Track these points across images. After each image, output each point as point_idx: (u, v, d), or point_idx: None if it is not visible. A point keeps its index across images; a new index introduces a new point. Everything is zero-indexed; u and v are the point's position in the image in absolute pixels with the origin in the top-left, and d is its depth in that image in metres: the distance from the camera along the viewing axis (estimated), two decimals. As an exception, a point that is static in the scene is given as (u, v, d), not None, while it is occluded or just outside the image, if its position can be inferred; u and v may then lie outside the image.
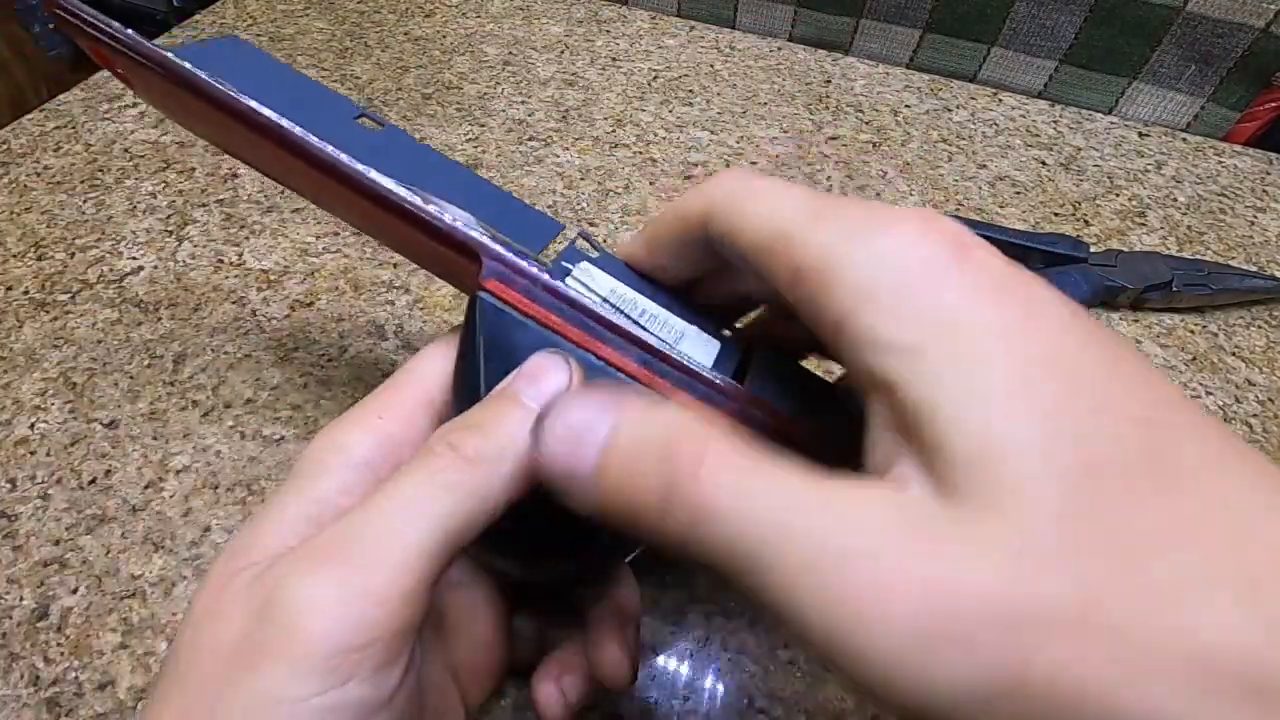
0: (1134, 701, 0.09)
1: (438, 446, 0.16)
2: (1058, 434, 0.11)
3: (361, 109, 0.21)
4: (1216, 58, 0.46)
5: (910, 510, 0.11)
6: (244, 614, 0.15)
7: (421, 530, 0.15)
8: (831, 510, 0.12)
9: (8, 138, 0.45)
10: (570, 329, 0.18)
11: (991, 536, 0.11)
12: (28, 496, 0.29)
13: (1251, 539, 0.10)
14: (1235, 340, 0.36)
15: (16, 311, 0.36)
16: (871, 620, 0.11)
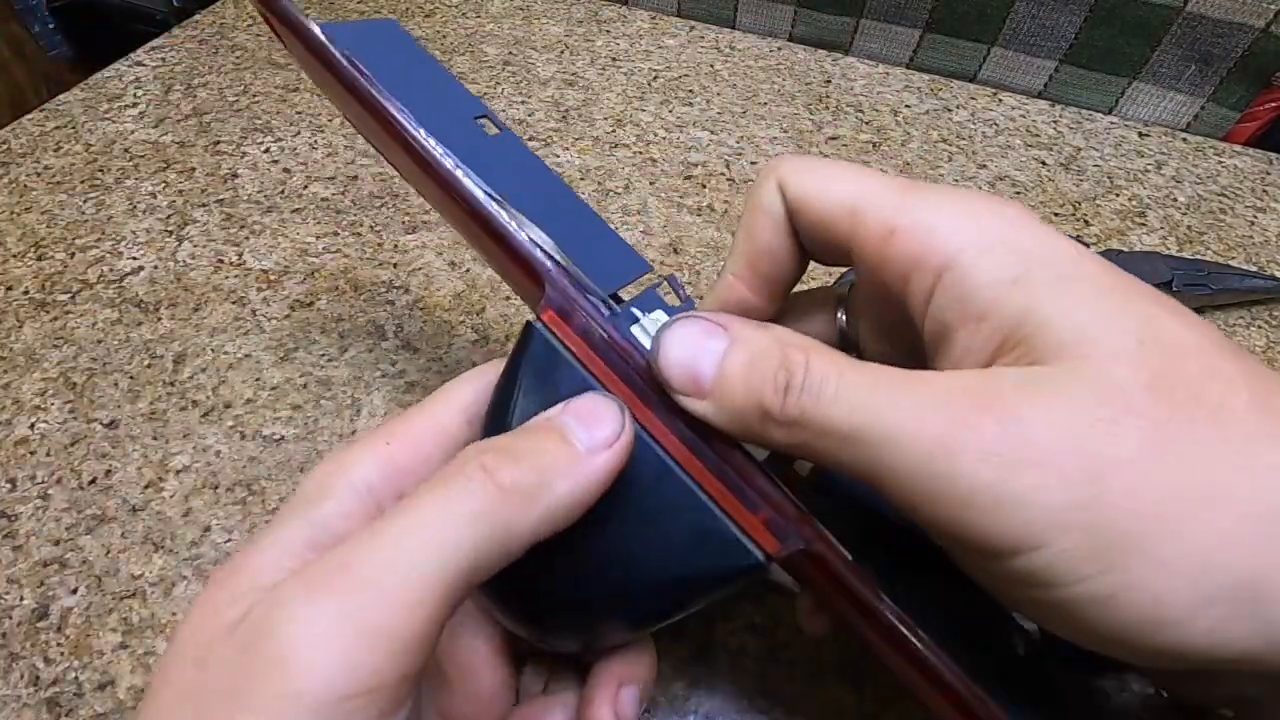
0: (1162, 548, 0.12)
1: (469, 467, 0.14)
2: (1150, 340, 0.13)
3: (485, 110, 0.20)
4: (1216, 58, 0.46)
5: (996, 377, 0.13)
6: (229, 645, 0.13)
7: (440, 561, 0.13)
8: (924, 384, 0.14)
9: (8, 138, 0.45)
10: (615, 382, 0.16)
11: (1081, 383, 0.13)
12: (28, 496, 0.29)
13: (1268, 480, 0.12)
14: (1235, 340, 0.36)
15: (16, 311, 0.36)
16: (964, 453, 0.13)
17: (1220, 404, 0.13)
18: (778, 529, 0.16)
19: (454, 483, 0.14)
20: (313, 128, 0.46)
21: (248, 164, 0.44)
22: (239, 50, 0.53)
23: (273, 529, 0.16)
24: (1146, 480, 0.12)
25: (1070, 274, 0.14)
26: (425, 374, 0.33)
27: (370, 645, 0.13)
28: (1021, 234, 0.14)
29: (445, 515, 0.14)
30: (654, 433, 0.16)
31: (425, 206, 0.41)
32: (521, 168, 0.19)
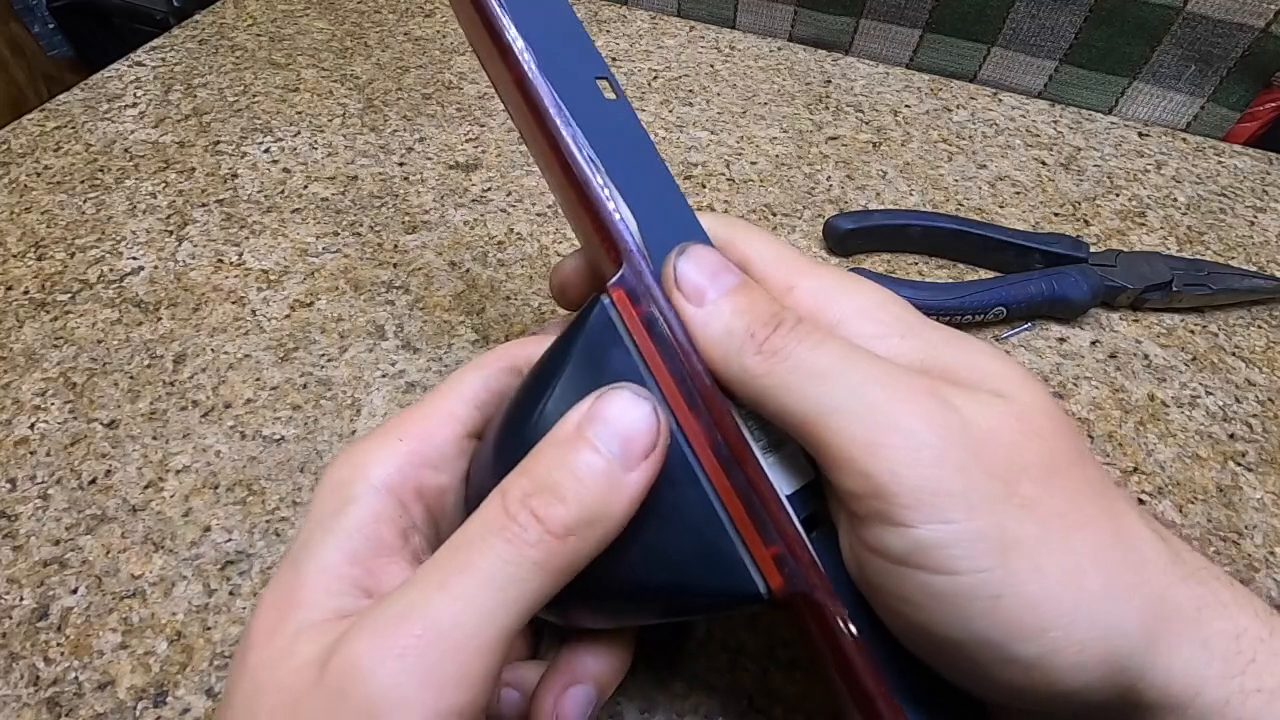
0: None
1: (520, 515, 0.14)
2: (1037, 389, 0.16)
3: (608, 74, 0.19)
4: (1216, 58, 0.46)
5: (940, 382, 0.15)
6: (319, 695, 0.14)
7: (504, 611, 0.14)
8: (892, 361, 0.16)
9: (8, 138, 0.45)
10: (666, 378, 0.16)
11: (1006, 405, 0.15)
12: (28, 496, 0.29)
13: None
14: (1235, 340, 0.36)
15: (16, 311, 0.36)
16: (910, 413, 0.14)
17: (1081, 454, 0.15)
18: (786, 568, 0.16)
19: (510, 533, 0.14)
20: (313, 128, 0.46)
21: (248, 164, 0.44)
22: (239, 50, 0.53)
23: (310, 549, 0.16)
24: (1044, 495, 0.14)
25: (951, 335, 0.17)
26: (425, 374, 0.33)
27: (449, 692, 0.14)
28: (900, 306, 0.17)
29: (507, 570, 0.14)
30: (691, 439, 0.16)
31: (425, 207, 0.41)
32: (627, 138, 0.19)
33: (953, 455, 0.14)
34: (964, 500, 0.14)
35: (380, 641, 0.14)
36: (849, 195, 0.43)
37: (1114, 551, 0.14)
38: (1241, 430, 0.33)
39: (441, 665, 0.13)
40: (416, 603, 0.14)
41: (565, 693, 0.18)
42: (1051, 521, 0.14)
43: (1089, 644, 0.14)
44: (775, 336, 0.15)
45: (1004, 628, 0.14)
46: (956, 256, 0.40)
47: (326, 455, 0.30)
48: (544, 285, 0.37)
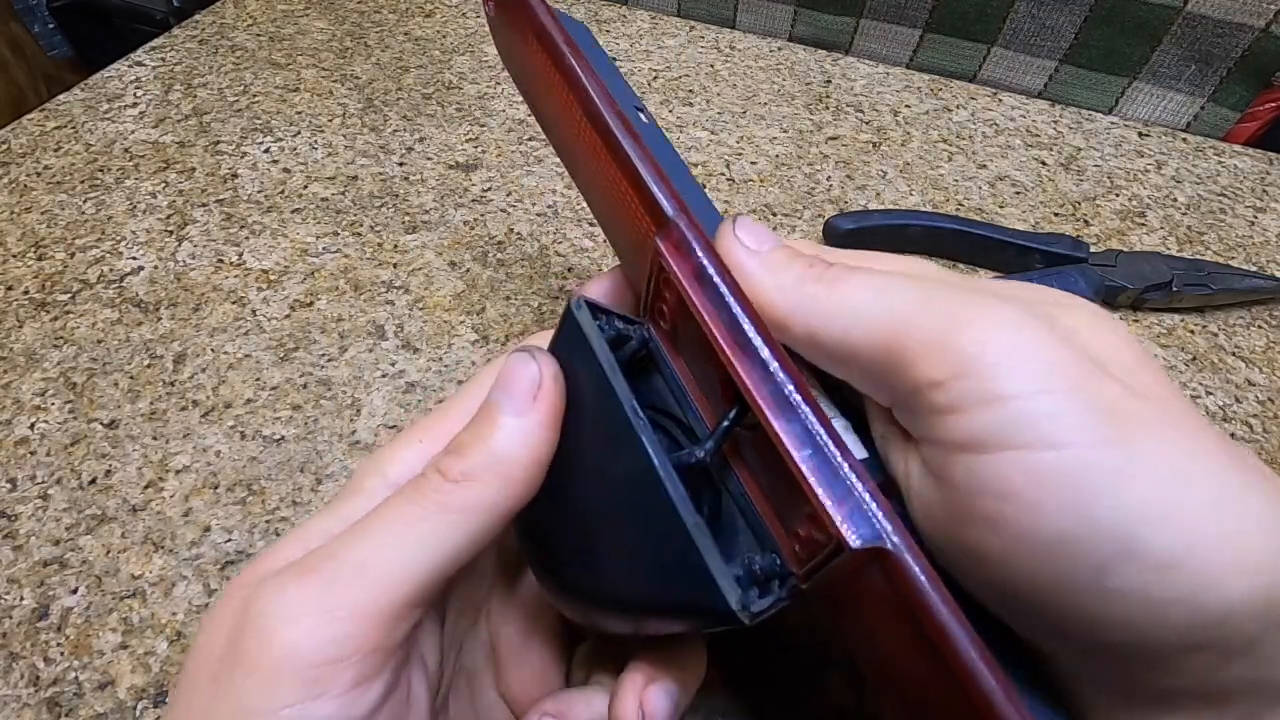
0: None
1: (428, 470, 0.16)
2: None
3: (642, 105, 0.20)
4: (1216, 58, 0.46)
5: None
6: (230, 628, 0.15)
7: (407, 552, 0.15)
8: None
9: (8, 137, 0.45)
10: (718, 326, 0.15)
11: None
12: (28, 496, 0.29)
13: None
14: (1235, 340, 0.36)
15: (16, 311, 0.36)
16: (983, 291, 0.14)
17: (1177, 388, 0.15)
18: (859, 522, 0.13)
19: (417, 484, 0.16)
20: (313, 128, 0.46)
21: (248, 164, 0.44)
22: (239, 50, 0.53)
23: (301, 527, 0.17)
24: (1139, 380, 0.13)
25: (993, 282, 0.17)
26: (425, 374, 0.33)
27: (341, 621, 0.14)
28: (930, 265, 0.17)
29: (410, 512, 0.15)
30: (743, 385, 0.14)
31: (425, 206, 0.41)
32: (663, 158, 0.19)
33: (1039, 331, 0.13)
34: (1062, 370, 0.12)
35: (285, 576, 0.15)
36: (849, 195, 0.43)
37: (1233, 450, 0.12)
38: (1241, 430, 0.33)
39: (340, 595, 0.14)
40: (329, 547, 0.15)
41: (648, 689, 0.18)
42: (1160, 401, 0.12)
43: (1238, 541, 0.11)
44: (835, 268, 0.15)
45: (1132, 513, 0.11)
46: (956, 256, 0.40)
47: (326, 455, 0.30)
48: (544, 285, 0.37)
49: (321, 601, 0.14)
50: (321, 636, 0.14)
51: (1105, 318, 0.15)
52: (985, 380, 0.13)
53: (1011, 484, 0.12)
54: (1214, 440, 0.12)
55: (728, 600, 0.14)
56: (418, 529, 0.15)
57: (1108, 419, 0.12)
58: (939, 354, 0.13)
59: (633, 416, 0.16)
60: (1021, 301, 0.14)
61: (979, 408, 0.13)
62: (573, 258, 0.39)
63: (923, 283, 0.15)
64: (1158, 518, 0.11)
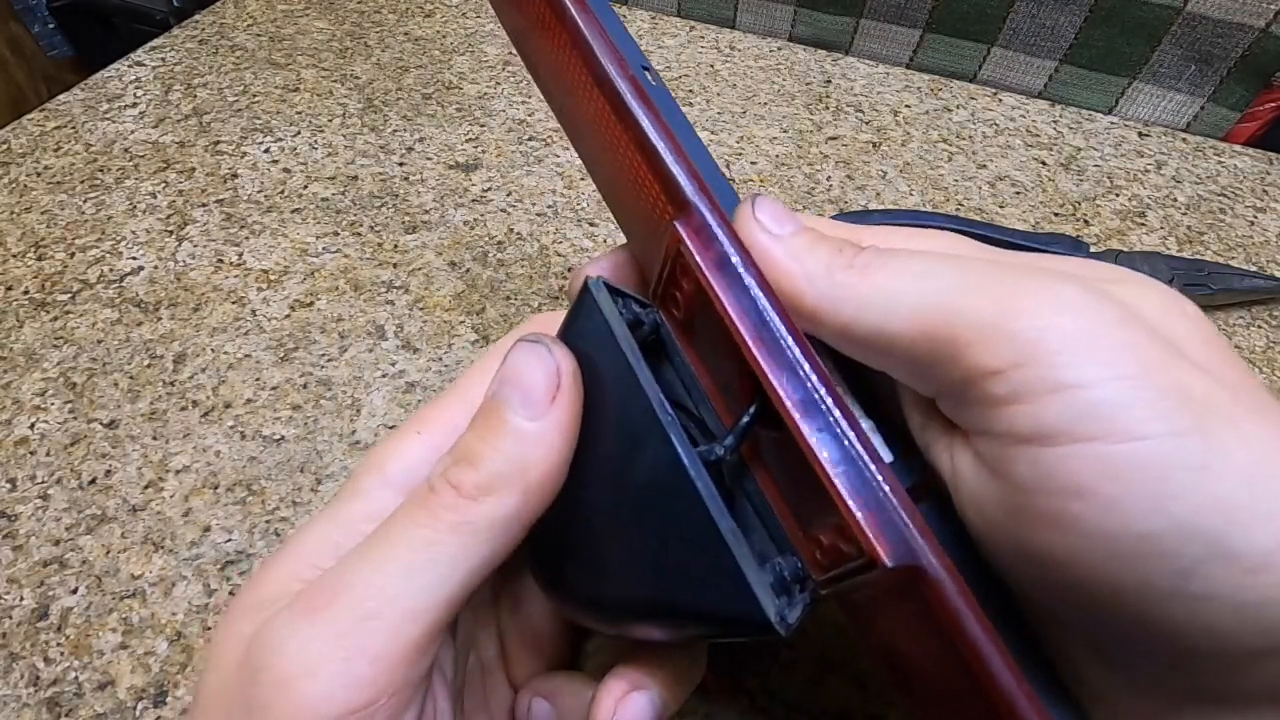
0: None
1: (438, 484, 0.15)
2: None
3: (649, 65, 0.18)
4: (1216, 58, 0.46)
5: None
6: (240, 667, 0.14)
7: (426, 582, 0.14)
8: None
9: (8, 137, 0.45)
10: (741, 317, 0.14)
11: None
12: (28, 496, 0.29)
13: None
14: (1235, 340, 0.36)
15: (16, 311, 0.36)
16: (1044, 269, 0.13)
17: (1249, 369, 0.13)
18: (892, 534, 0.13)
19: (428, 501, 0.15)
20: (313, 128, 0.46)
21: (247, 164, 0.44)
22: (239, 50, 0.53)
23: (299, 535, 0.16)
24: (1222, 364, 0.12)
25: (1040, 255, 0.15)
26: (425, 374, 0.33)
27: (366, 666, 0.13)
28: (965, 241, 0.16)
29: (425, 535, 0.14)
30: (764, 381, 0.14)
31: (425, 206, 0.41)
32: (674, 119, 0.18)
33: (1105, 311, 0.12)
34: (1133, 353, 0.11)
35: (296, 614, 0.14)
36: (849, 195, 0.43)
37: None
38: (1241, 430, 0.33)
39: (358, 632, 0.13)
40: (338, 575, 0.14)
41: (626, 697, 0.17)
42: (1239, 388, 0.11)
43: None
44: (866, 253, 0.14)
45: (1219, 509, 0.10)
46: (956, 256, 0.40)
47: (326, 455, 0.30)
48: (544, 285, 0.37)
49: (340, 647, 0.13)
50: (345, 687, 0.13)
51: (1174, 296, 0.13)
52: (1051, 368, 0.11)
53: (1083, 479, 0.11)
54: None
55: (765, 612, 0.13)
56: (434, 553, 0.14)
57: (1187, 407, 0.11)
58: (996, 340, 0.12)
59: (661, 413, 0.14)
60: (1081, 280, 0.12)
61: (1045, 397, 0.11)
62: (573, 258, 0.39)
63: (968, 263, 0.13)
64: (1247, 515, 0.10)
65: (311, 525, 0.16)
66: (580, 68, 0.17)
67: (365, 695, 0.13)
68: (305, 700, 0.13)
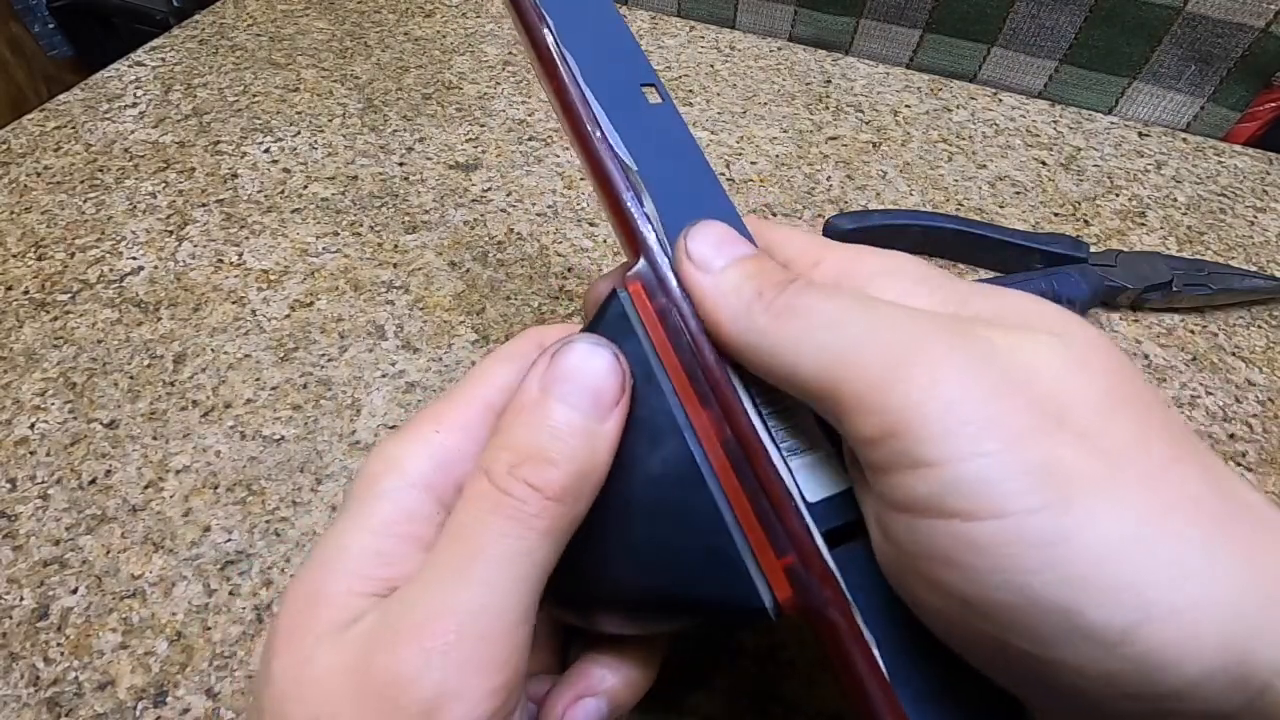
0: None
1: (514, 488, 0.14)
2: (1084, 325, 0.14)
3: (654, 80, 0.19)
4: (1216, 58, 0.46)
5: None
6: (361, 699, 0.13)
7: (528, 586, 0.14)
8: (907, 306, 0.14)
9: (8, 137, 0.45)
10: (679, 373, 0.16)
11: (1054, 338, 0.13)
12: (28, 496, 0.29)
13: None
14: (1235, 340, 0.36)
15: (16, 311, 0.36)
16: (936, 342, 0.13)
17: (1154, 399, 0.13)
18: (798, 580, 0.14)
19: (507, 507, 0.14)
20: (313, 128, 0.46)
21: (248, 164, 0.44)
22: (239, 50, 0.53)
23: (336, 542, 0.16)
24: (1107, 429, 0.12)
25: (984, 287, 0.15)
26: (425, 374, 0.33)
27: (493, 674, 0.14)
28: (930, 267, 0.16)
29: (515, 544, 0.14)
30: (701, 436, 0.16)
31: (425, 206, 0.41)
32: (668, 140, 0.19)
33: (983, 379, 0.12)
34: (1000, 427, 0.11)
35: (420, 644, 0.14)
36: (849, 195, 0.43)
37: (1213, 499, 0.11)
38: (1241, 430, 0.33)
39: (479, 652, 0.14)
40: (441, 598, 0.14)
41: (575, 704, 0.17)
42: (1121, 454, 0.11)
43: (1197, 614, 0.10)
44: (786, 293, 0.14)
45: (1073, 585, 0.10)
46: (956, 257, 0.40)
47: (326, 455, 0.30)
48: (544, 285, 0.37)
49: (473, 668, 0.14)
50: (486, 700, 0.14)
51: (1079, 347, 0.13)
52: (917, 443, 0.12)
53: (949, 551, 0.12)
54: (1189, 490, 0.11)
55: (763, 599, 0.15)
56: (533, 560, 0.14)
57: (1050, 482, 0.11)
58: (871, 411, 0.12)
59: (678, 414, 0.16)
60: (974, 339, 0.13)
61: (911, 471, 0.12)
62: (573, 258, 0.39)
63: (874, 312, 0.13)
64: (1102, 591, 0.10)
65: (341, 535, 0.16)
66: (560, 110, 0.18)
67: (501, 701, 0.14)
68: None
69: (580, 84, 0.18)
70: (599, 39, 0.19)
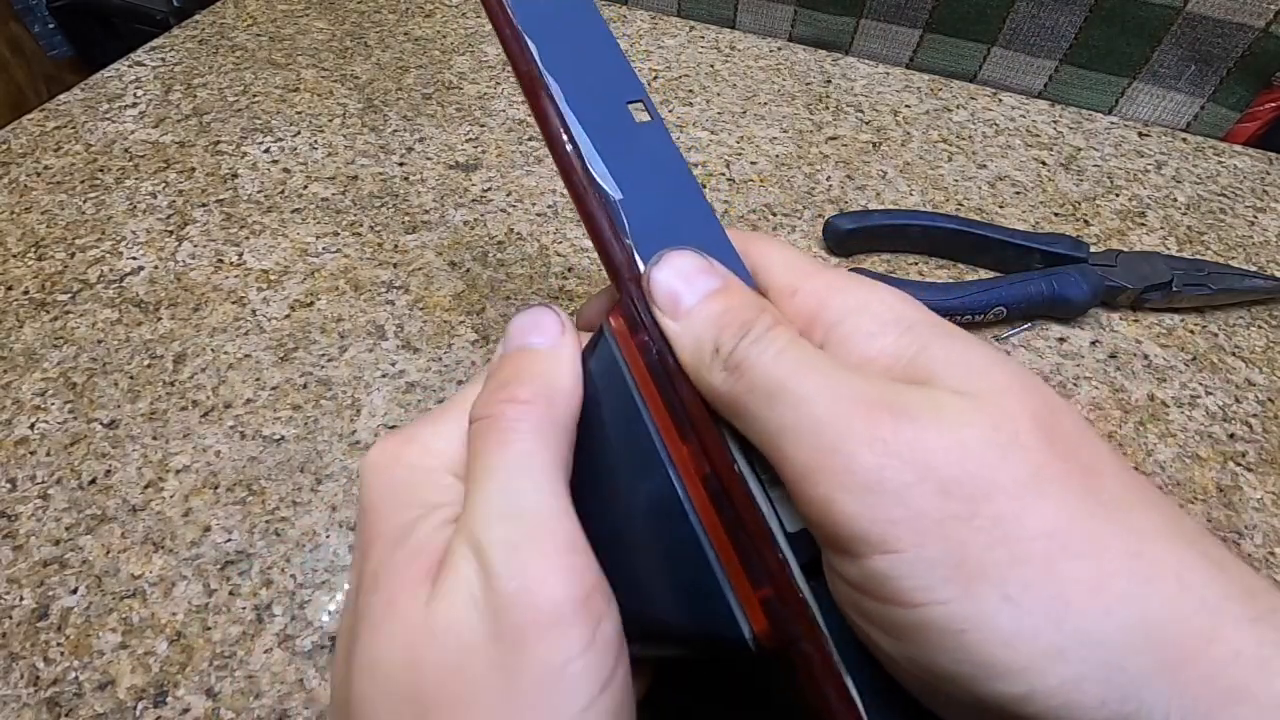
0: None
1: (494, 409, 0.16)
2: (1032, 388, 0.14)
3: (643, 96, 0.19)
4: (1217, 58, 0.46)
5: (903, 389, 0.14)
6: (488, 662, 0.14)
7: (549, 485, 0.15)
8: (852, 372, 0.14)
9: (8, 138, 0.45)
10: (659, 407, 0.16)
11: (977, 408, 0.13)
12: (28, 496, 0.29)
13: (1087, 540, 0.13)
14: (1235, 340, 0.36)
15: (17, 311, 0.36)
16: (856, 433, 0.13)
17: (1091, 465, 0.13)
18: (774, 613, 0.15)
19: (493, 423, 0.16)
20: (313, 128, 0.46)
21: (248, 164, 0.44)
22: (239, 50, 0.53)
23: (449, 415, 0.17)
24: (1022, 514, 0.12)
25: (950, 331, 0.15)
26: (425, 374, 0.33)
27: (575, 556, 0.15)
28: (904, 303, 0.16)
29: (519, 444, 0.16)
30: (681, 471, 0.16)
31: (425, 206, 0.41)
32: (656, 160, 0.18)
33: (896, 476, 0.13)
34: (910, 526, 0.12)
35: (534, 560, 0.14)
36: (849, 195, 0.43)
37: (1121, 576, 0.12)
38: (1241, 430, 0.33)
39: (546, 534, 0.15)
40: (505, 518, 0.15)
41: None
42: (1031, 544, 0.12)
43: (1085, 686, 0.12)
44: (740, 347, 0.15)
45: (976, 664, 0.12)
46: (956, 257, 0.40)
47: (326, 455, 0.30)
48: (544, 285, 0.37)
49: (561, 559, 0.14)
50: (576, 582, 0.14)
51: (1016, 419, 0.13)
52: (835, 537, 0.13)
53: (880, 623, 0.13)
54: (1093, 569, 0.12)
55: (742, 630, 0.15)
56: (528, 460, 0.15)
57: (956, 576, 0.12)
58: (801, 497, 0.14)
59: (662, 451, 0.16)
60: (901, 420, 0.13)
61: (837, 554, 0.13)
62: (573, 258, 0.39)
63: (809, 387, 0.14)
64: (996, 674, 0.12)
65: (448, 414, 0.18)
66: (543, 137, 0.18)
67: (590, 582, 0.14)
68: (558, 609, 0.14)
69: (563, 112, 0.18)
70: (584, 57, 0.19)
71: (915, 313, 0.16)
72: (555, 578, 0.14)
